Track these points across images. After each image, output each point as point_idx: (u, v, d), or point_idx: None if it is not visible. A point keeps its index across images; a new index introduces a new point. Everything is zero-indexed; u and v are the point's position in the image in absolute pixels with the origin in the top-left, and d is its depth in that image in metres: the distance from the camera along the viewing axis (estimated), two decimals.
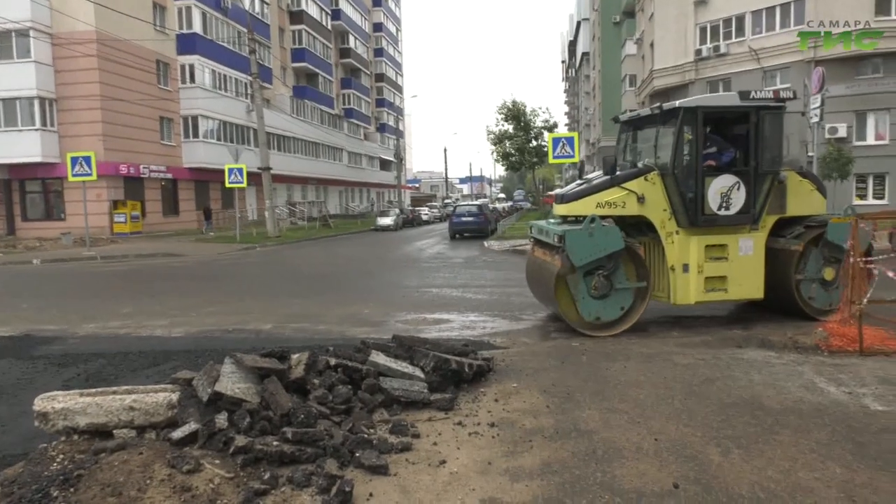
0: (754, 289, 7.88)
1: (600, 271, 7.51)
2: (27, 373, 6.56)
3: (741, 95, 7.78)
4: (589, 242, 7.32)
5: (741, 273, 7.80)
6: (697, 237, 7.72)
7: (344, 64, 62.65)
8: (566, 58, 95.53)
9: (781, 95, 7.75)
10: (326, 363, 4.85)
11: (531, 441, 4.17)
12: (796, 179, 8.05)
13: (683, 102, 7.81)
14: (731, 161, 7.92)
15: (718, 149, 8.00)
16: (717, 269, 7.75)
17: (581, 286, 7.55)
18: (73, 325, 9.18)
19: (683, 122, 7.59)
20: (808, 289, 8.02)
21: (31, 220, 31.17)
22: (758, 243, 7.84)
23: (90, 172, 21.40)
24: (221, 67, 37.98)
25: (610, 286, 7.58)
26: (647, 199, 7.72)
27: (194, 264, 18.95)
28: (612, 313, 7.65)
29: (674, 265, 7.81)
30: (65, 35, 28.94)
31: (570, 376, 5.71)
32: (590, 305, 7.58)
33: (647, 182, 7.74)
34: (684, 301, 7.82)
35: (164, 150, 34.44)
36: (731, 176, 7.65)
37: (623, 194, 7.72)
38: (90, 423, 3.93)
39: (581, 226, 7.41)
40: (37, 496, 3.35)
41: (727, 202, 7.61)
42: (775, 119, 7.73)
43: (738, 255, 7.76)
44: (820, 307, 8.01)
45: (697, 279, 7.71)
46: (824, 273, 7.98)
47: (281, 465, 3.74)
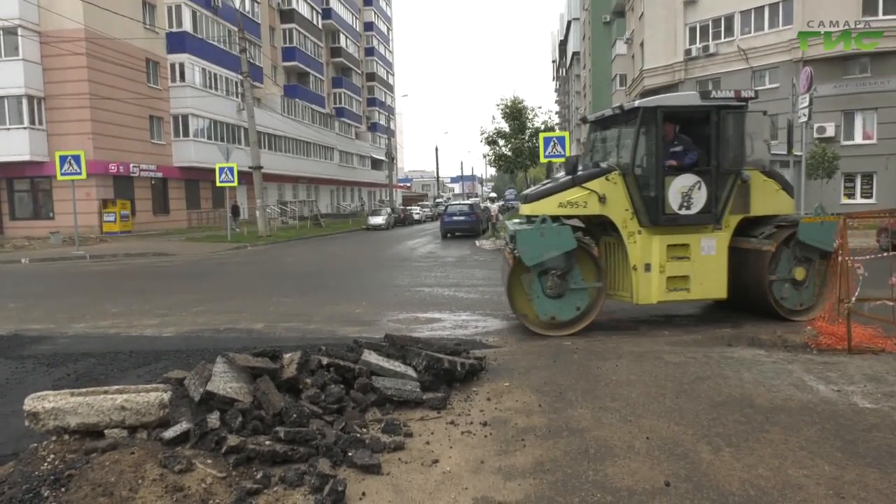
0: (717, 288, 7.85)
1: (554, 271, 7.53)
2: (16, 372, 6.51)
3: (702, 95, 7.82)
4: (540, 242, 7.36)
5: (704, 273, 7.78)
6: (659, 237, 7.72)
7: (335, 63, 62.51)
8: (557, 57, 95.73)
9: (743, 95, 7.72)
10: (319, 362, 4.85)
11: (523, 440, 4.19)
12: (760, 179, 8.02)
13: (643, 102, 7.85)
14: (694, 161, 7.88)
15: (684, 148, 7.95)
16: (679, 268, 7.75)
17: (536, 285, 7.59)
18: (62, 324, 9.12)
19: (643, 122, 7.61)
20: (781, 289, 7.99)
21: (19, 219, 30.93)
22: (721, 243, 7.82)
23: (79, 171, 21.26)
24: (212, 66, 37.80)
25: (565, 286, 7.58)
26: (609, 198, 7.74)
27: (185, 264, 18.86)
28: (567, 313, 7.68)
29: (636, 265, 7.81)
30: (53, 33, 28.71)
31: (562, 375, 5.73)
32: (545, 305, 7.62)
33: (609, 182, 7.77)
34: (646, 301, 7.84)
35: (154, 149, 34.25)
36: (691, 175, 7.64)
37: (584, 194, 7.74)
38: (81, 423, 3.90)
39: (533, 225, 7.45)
40: (27, 496, 3.32)
41: (688, 202, 7.61)
42: (736, 118, 7.73)
43: (700, 254, 7.75)
44: (791, 307, 8.04)
45: (659, 279, 7.71)
46: (795, 273, 7.96)
47: (273, 464, 3.73)
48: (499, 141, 34.43)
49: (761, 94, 33.44)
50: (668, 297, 7.81)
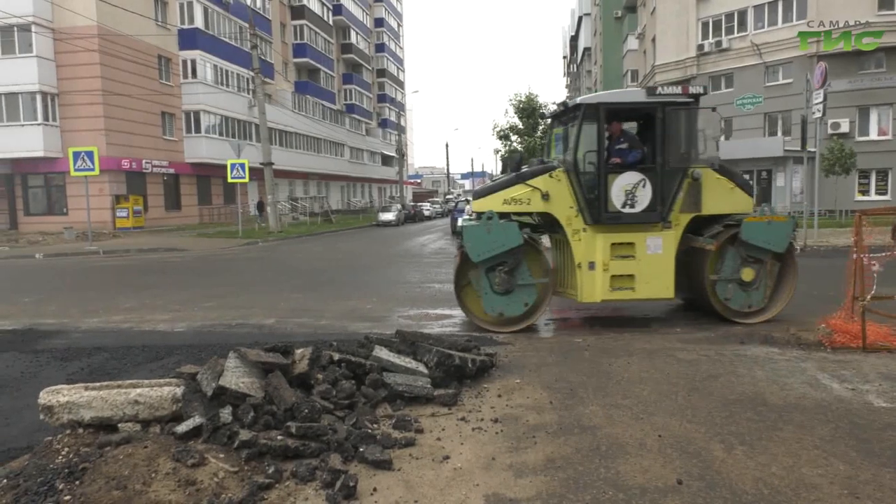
0: (663, 288, 7.73)
1: (501, 267, 7.52)
2: (31, 366, 6.57)
3: (648, 91, 7.72)
4: (487, 238, 7.37)
5: (649, 272, 7.67)
6: (604, 235, 7.67)
7: (345, 59, 62.56)
8: (568, 53, 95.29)
9: (691, 91, 7.60)
10: (330, 358, 4.86)
11: (535, 437, 4.18)
12: (713, 177, 7.82)
13: (585, 98, 7.80)
14: (638, 159, 7.77)
15: (630, 146, 7.90)
16: (623, 267, 7.67)
17: (483, 281, 7.60)
18: (76, 319, 9.19)
19: (585, 119, 7.57)
20: (725, 289, 7.81)
21: (33, 215, 31.20)
22: (668, 242, 7.70)
23: (92, 167, 21.40)
24: (223, 63, 37.94)
25: (512, 282, 7.58)
26: (553, 196, 7.71)
27: (196, 259, 18.96)
28: (515, 309, 7.68)
29: (581, 262, 7.78)
30: (66, 30, 28.90)
31: (573, 372, 5.72)
32: (493, 301, 7.63)
33: (553, 179, 7.73)
34: (590, 299, 7.81)
35: (166, 145, 34.45)
36: (635, 173, 7.57)
37: (528, 191, 7.72)
38: (95, 417, 3.93)
39: (479, 221, 7.47)
40: (42, 489, 3.36)
41: (632, 200, 7.55)
42: (684, 115, 7.58)
43: (645, 253, 7.66)
44: (738, 308, 7.85)
45: (603, 277, 7.66)
46: (742, 274, 7.75)
47: (285, 459, 3.75)
48: (511, 136, 34.20)
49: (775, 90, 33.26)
50: (612, 296, 7.74)
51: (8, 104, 29.09)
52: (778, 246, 7.66)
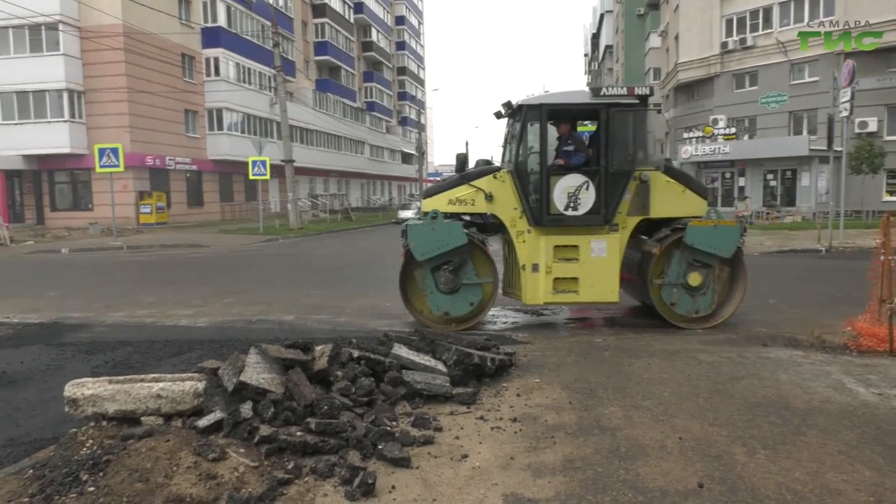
0: (608, 292, 7.67)
1: (446, 266, 7.54)
2: (56, 359, 6.69)
3: (593, 92, 7.57)
4: (431, 237, 7.41)
5: (593, 275, 7.60)
6: (547, 237, 7.63)
7: (366, 57, 62.74)
8: (589, 51, 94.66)
9: (637, 92, 7.48)
10: (349, 355, 4.88)
11: (553, 437, 4.16)
12: (662, 180, 7.70)
13: (527, 99, 7.76)
14: (581, 161, 7.72)
15: (576, 148, 7.85)
16: (567, 270, 7.62)
17: (429, 280, 7.63)
18: (100, 313, 9.34)
19: (527, 120, 7.56)
20: (670, 294, 7.68)
21: (59, 210, 31.75)
22: (613, 245, 7.62)
23: (117, 164, 21.72)
24: (245, 61, 38.26)
25: (458, 281, 7.59)
26: (496, 197, 7.70)
27: (218, 255, 19.16)
28: (461, 309, 7.70)
29: (525, 264, 7.74)
30: (92, 28, 29.33)
31: (593, 372, 5.68)
32: (438, 300, 7.66)
33: (497, 180, 7.72)
34: (533, 301, 7.78)
35: (189, 143, 34.85)
36: (578, 175, 7.52)
37: (472, 192, 7.73)
38: (118, 410, 3.99)
39: (424, 220, 7.52)
40: (67, 479, 3.42)
41: (575, 202, 7.49)
42: (629, 117, 7.43)
43: (590, 256, 7.59)
44: (683, 314, 7.71)
45: (546, 279, 7.62)
46: (689, 278, 7.59)
47: (304, 455, 3.77)
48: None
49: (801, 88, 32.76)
50: (555, 299, 7.71)
51: (35, 102, 29.60)
52: (725, 251, 7.51)
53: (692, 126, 38.02)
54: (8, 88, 29.09)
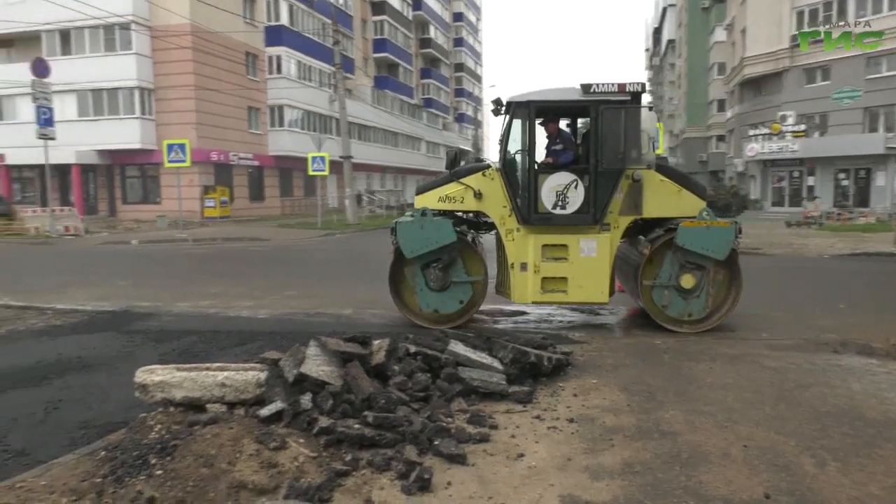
0: (597, 292, 7.49)
1: (436, 264, 7.51)
2: (126, 346, 6.99)
3: (583, 89, 7.32)
4: (420, 234, 7.40)
5: (583, 275, 7.44)
6: (535, 235, 7.50)
7: (424, 54, 63.06)
8: (650, 46, 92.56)
9: (629, 88, 7.22)
10: (406, 350, 4.92)
11: (612, 439, 4.09)
12: (656, 179, 7.47)
13: (515, 96, 7.64)
14: (570, 159, 7.58)
15: (565, 146, 7.70)
16: (556, 269, 7.48)
17: (419, 278, 7.64)
18: (167, 302, 9.69)
19: (515, 117, 7.50)
20: (661, 296, 7.45)
21: (130, 203, 33.16)
22: (603, 245, 7.44)
23: (184, 159, 22.48)
24: (306, 58, 39.05)
25: (447, 279, 7.56)
26: (486, 194, 7.62)
27: (277, 249, 19.62)
28: (450, 306, 7.67)
29: (513, 263, 7.64)
30: (162, 28, 30.49)
31: (652, 375, 5.56)
32: (428, 297, 7.65)
33: (486, 178, 7.64)
34: (521, 300, 7.70)
35: (252, 139, 35.82)
36: (567, 174, 7.39)
37: (461, 189, 7.67)
38: (185, 397, 4.13)
39: (413, 218, 7.54)
40: (137, 462, 3.56)
41: (563, 201, 7.37)
42: (620, 114, 7.17)
43: (579, 256, 7.43)
44: (675, 316, 7.46)
45: (534, 279, 7.49)
46: (681, 280, 7.33)
47: (361, 447, 3.82)
48: None
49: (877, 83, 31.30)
50: (544, 299, 7.59)
51: (109, 99, 30.99)
52: (718, 253, 7.21)
53: (758, 123, 36.73)
54: (84, 86, 30.50)
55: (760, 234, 21.33)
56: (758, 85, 38.27)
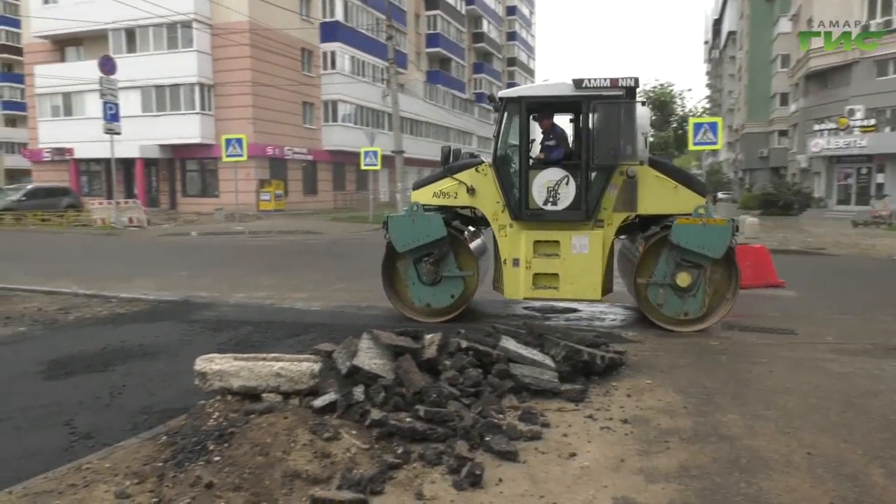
0: (589, 289, 7.46)
1: (427, 258, 7.58)
2: (186, 335, 7.21)
3: (575, 84, 7.25)
4: (411, 229, 7.49)
5: (575, 272, 7.42)
6: (527, 231, 7.52)
7: (476, 48, 62.91)
8: (710, 38, 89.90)
9: (621, 83, 7.11)
10: (458, 345, 4.91)
11: (667, 442, 3.99)
12: (651, 175, 7.33)
13: (507, 92, 7.73)
14: (561, 155, 7.58)
15: (557, 143, 7.69)
16: (547, 265, 7.50)
17: (411, 272, 7.74)
18: (224, 293, 9.96)
19: (506, 113, 7.51)
20: (656, 294, 7.29)
21: (189, 196, 34.24)
22: (596, 241, 7.39)
23: (241, 153, 23.00)
24: (360, 54, 39.47)
25: (439, 273, 7.64)
26: (479, 190, 7.69)
27: (330, 242, 19.92)
28: (442, 300, 7.74)
29: (506, 258, 7.69)
30: (222, 25, 31.33)
31: (708, 377, 5.40)
32: (420, 291, 7.75)
33: (479, 173, 7.70)
34: (513, 296, 7.76)
35: (306, 134, 36.46)
36: (558, 170, 7.40)
37: (454, 185, 7.75)
38: (242, 386, 4.23)
39: (405, 212, 7.65)
40: (196, 448, 3.66)
41: (554, 197, 7.37)
42: (612, 109, 7.13)
43: (570, 252, 7.42)
44: (672, 315, 7.32)
45: (526, 275, 7.51)
46: (677, 279, 7.15)
47: (413, 441, 3.83)
48: None
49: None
50: (535, 295, 7.64)
51: (171, 95, 32.03)
52: (714, 251, 6.99)
53: (824, 117, 35.29)
54: (148, 83, 31.62)
55: (825, 234, 20.50)
56: (824, 77, 36.73)
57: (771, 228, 21.46)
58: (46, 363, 6.00)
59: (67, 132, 33.56)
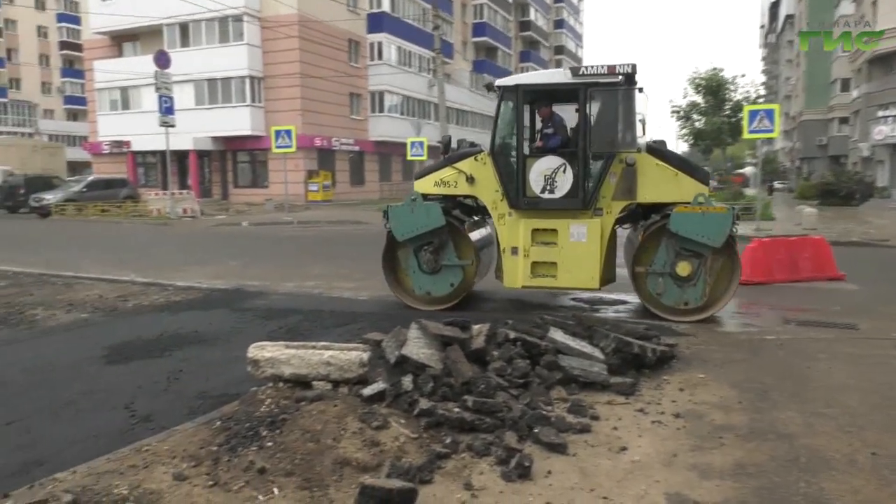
0: (588, 278, 7.41)
1: (427, 247, 7.69)
2: (238, 323, 7.38)
3: (572, 72, 7.30)
4: (410, 218, 7.63)
5: (572, 260, 7.39)
6: (526, 220, 7.52)
7: (523, 37, 62.26)
8: (766, 22, 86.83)
9: (619, 70, 7.03)
10: (506, 336, 4.89)
11: (721, 438, 3.89)
12: (651, 163, 7.24)
13: (503, 80, 7.76)
14: (559, 143, 7.56)
15: (555, 131, 7.67)
16: (545, 254, 7.49)
17: (412, 261, 7.87)
18: (274, 282, 10.15)
19: (504, 101, 7.52)
20: (655, 283, 7.27)
21: (240, 187, 35.00)
22: (594, 230, 7.32)
23: (290, 144, 23.38)
24: (406, 44, 39.54)
25: (439, 262, 7.74)
26: (478, 179, 7.70)
27: (377, 233, 19.90)
28: (442, 289, 7.84)
29: (505, 247, 7.70)
30: (271, 19, 31.80)
31: (764, 372, 5.24)
32: (421, 280, 7.88)
33: (478, 162, 7.71)
34: (512, 285, 7.73)
35: (353, 125, 36.78)
36: (555, 158, 7.36)
37: (454, 174, 7.79)
38: (293, 374, 4.30)
39: (405, 202, 7.77)
40: (249, 433, 3.74)
41: (552, 185, 7.33)
42: (609, 97, 7.09)
43: (568, 241, 7.38)
44: (671, 305, 7.27)
45: (524, 263, 7.52)
46: (677, 268, 7.09)
47: (461, 431, 3.83)
48: (693, 115, 31.75)
49: None
50: (533, 283, 7.60)
51: (223, 88, 32.74)
52: (714, 240, 6.90)
53: (888, 103, 33.73)
54: (200, 76, 32.37)
55: (888, 225, 19.64)
56: (889, 62, 35.03)
57: (830, 219, 20.67)
58: (107, 349, 6.22)
59: (125, 125, 34.70)
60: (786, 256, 10.12)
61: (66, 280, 10.29)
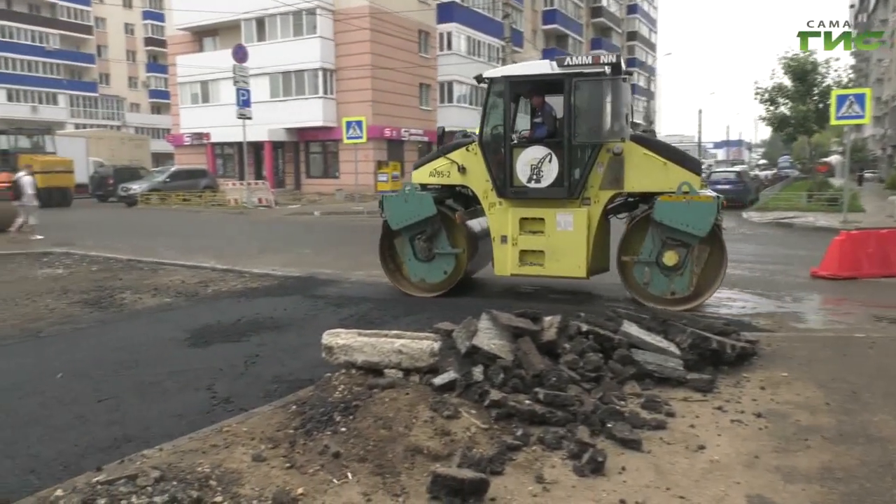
0: (574, 267, 7.49)
1: (420, 235, 7.94)
2: (311, 309, 7.57)
3: (557, 62, 7.37)
4: (404, 207, 7.89)
5: (559, 249, 7.50)
6: (514, 209, 7.68)
7: (595, 24, 60.93)
8: (857, 1, 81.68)
9: (603, 60, 7.17)
10: (578, 329, 4.81)
11: (807, 440, 3.70)
12: (639, 152, 7.23)
13: (490, 72, 7.98)
14: (544, 133, 7.65)
15: (543, 121, 7.74)
16: (533, 242, 7.65)
17: (407, 249, 8.14)
18: (345, 270, 10.36)
19: (491, 92, 7.67)
20: (641, 273, 7.31)
21: (313, 177, 35.83)
22: (581, 219, 7.39)
23: (361, 135, 23.73)
24: (476, 34, 39.38)
25: (432, 250, 7.99)
26: (469, 169, 7.89)
27: None
28: (436, 276, 8.10)
29: (495, 236, 7.86)
30: (343, 11, 32.31)
31: (853, 372, 4.96)
32: (416, 267, 8.16)
33: (469, 153, 7.88)
34: (502, 272, 7.90)
35: (422, 115, 36.98)
36: (541, 147, 7.47)
37: (447, 164, 8.00)
38: (365, 361, 4.37)
39: (399, 191, 8.05)
40: (323, 418, 3.84)
41: (538, 174, 7.44)
42: (595, 87, 7.17)
43: (555, 229, 7.49)
44: (657, 294, 7.27)
45: (513, 251, 7.69)
46: (664, 257, 7.10)
47: (532, 423, 3.80)
48: (779, 99, 30.09)
49: None
50: (521, 271, 7.75)
51: (297, 80, 33.55)
52: (698, 229, 6.86)
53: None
54: (276, 69, 33.25)
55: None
56: None
57: None
58: (189, 332, 6.51)
59: (205, 118, 36.08)
60: (876, 250, 9.56)
61: (151, 266, 10.82)
